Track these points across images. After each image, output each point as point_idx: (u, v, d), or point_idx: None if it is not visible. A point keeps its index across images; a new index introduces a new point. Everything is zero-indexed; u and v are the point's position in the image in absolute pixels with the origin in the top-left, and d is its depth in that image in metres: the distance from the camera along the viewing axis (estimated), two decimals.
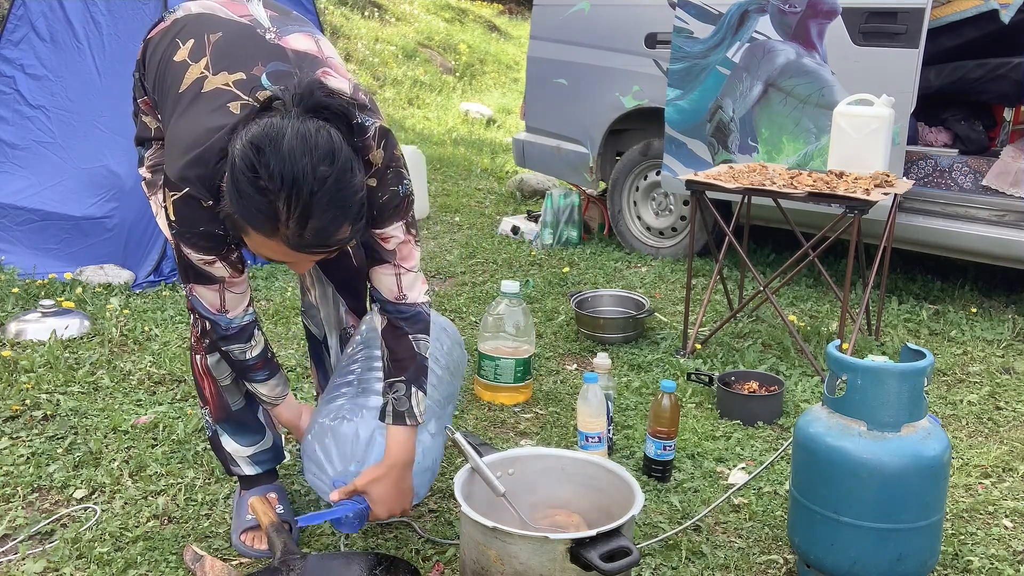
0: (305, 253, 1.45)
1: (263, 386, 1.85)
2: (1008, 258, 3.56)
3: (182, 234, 1.58)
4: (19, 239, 3.88)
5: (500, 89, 11.57)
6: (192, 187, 1.52)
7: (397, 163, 1.66)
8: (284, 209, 1.37)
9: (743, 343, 3.27)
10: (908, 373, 1.70)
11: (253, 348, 1.78)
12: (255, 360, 1.79)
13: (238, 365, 1.80)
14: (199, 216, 1.55)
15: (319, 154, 1.38)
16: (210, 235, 1.57)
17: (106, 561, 1.85)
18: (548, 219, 4.73)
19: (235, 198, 1.40)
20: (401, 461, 1.77)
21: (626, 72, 4.45)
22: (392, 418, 1.77)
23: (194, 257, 1.61)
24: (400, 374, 1.77)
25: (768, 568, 1.91)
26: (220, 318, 1.72)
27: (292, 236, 1.40)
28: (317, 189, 1.37)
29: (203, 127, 1.53)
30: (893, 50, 3.44)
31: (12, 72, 4.06)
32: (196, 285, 1.68)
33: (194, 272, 1.65)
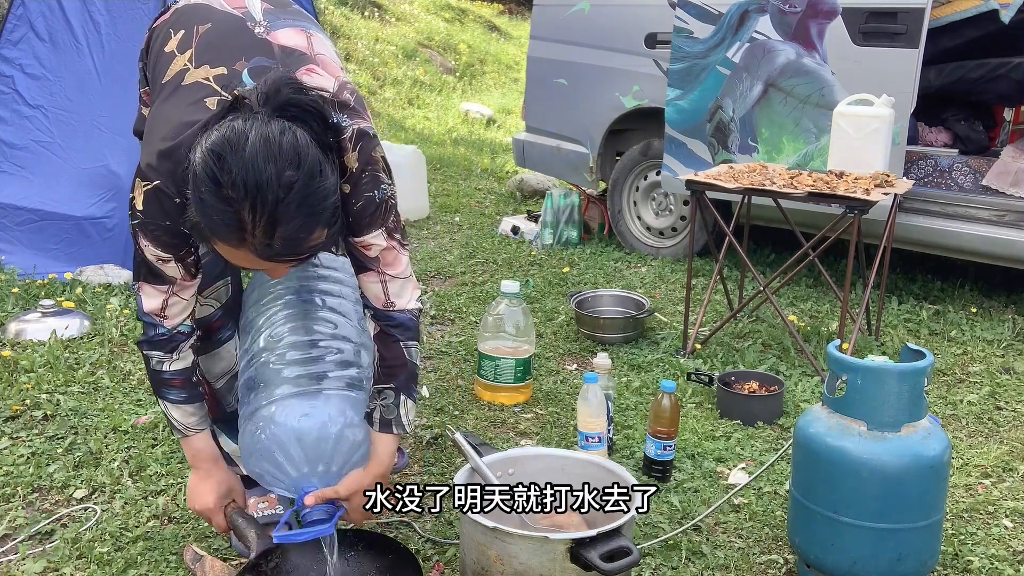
0: (276, 262, 1.40)
1: (175, 408, 1.70)
2: (1008, 258, 3.56)
3: (145, 225, 1.52)
4: (19, 239, 3.88)
5: (500, 89, 11.57)
6: (161, 180, 1.48)
7: (374, 167, 1.58)
8: (249, 219, 1.31)
9: (743, 343, 3.27)
10: (908, 373, 1.70)
11: (175, 362, 1.68)
12: (173, 375, 1.68)
13: (154, 376, 1.69)
14: (168, 211, 1.49)
15: (284, 158, 1.31)
16: (174, 231, 1.52)
17: (106, 561, 1.85)
18: (548, 219, 4.73)
19: (198, 208, 1.34)
20: (384, 470, 1.73)
21: (626, 72, 4.45)
22: (379, 426, 1.72)
23: (150, 252, 1.55)
24: (389, 381, 1.72)
25: (768, 568, 1.91)
26: (154, 321, 1.64)
27: (260, 246, 1.34)
28: (283, 196, 1.31)
29: (178, 119, 1.49)
30: (893, 50, 3.44)
31: (11, 72, 4.06)
32: (144, 284, 1.61)
33: (146, 270, 1.59)
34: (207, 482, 1.74)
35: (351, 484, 1.68)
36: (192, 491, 1.75)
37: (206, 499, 1.73)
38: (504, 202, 5.97)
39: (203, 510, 1.74)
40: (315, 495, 1.66)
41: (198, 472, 1.75)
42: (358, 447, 1.71)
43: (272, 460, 1.68)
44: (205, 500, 1.73)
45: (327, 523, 1.66)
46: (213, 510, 1.74)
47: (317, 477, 1.68)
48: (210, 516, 1.75)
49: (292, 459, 1.67)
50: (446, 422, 2.56)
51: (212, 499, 1.73)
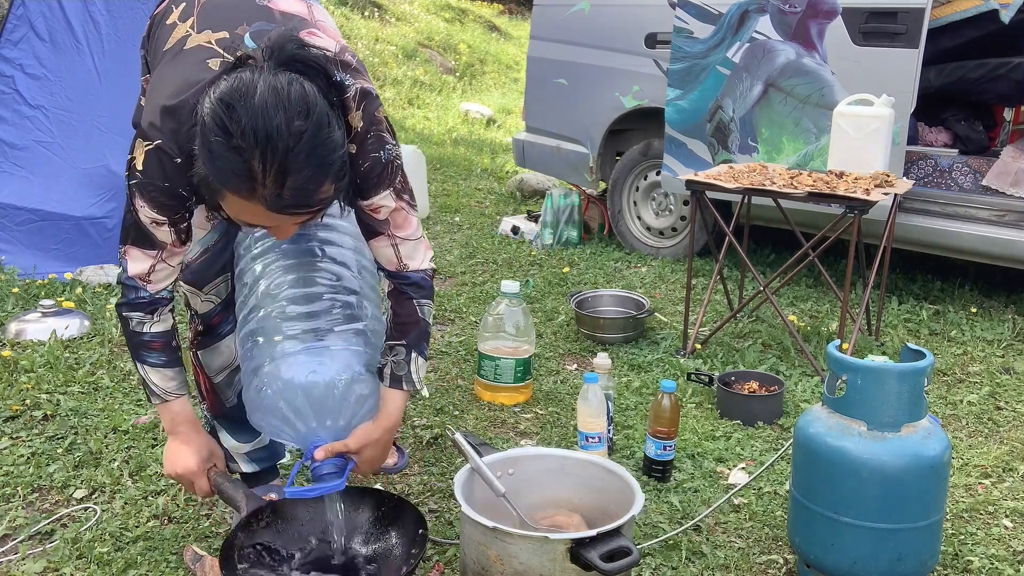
0: (286, 214, 1.39)
1: (155, 372, 1.66)
2: (1008, 258, 3.56)
3: (143, 186, 1.50)
4: (19, 239, 3.88)
5: (500, 89, 11.57)
6: (163, 140, 1.46)
7: (378, 127, 1.57)
8: (260, 168, 1.30)
9: (743, 343, 3.27)
10: (908, 373, 1.70)
11: (155, 324, 1.65)
12: (153, 338, 1.65)
13: (133, 338, 1.65)
14: (167, 171, 1.47)
15: (293, 108, 1.31)
16: (172, 193, 1.50)
17: (106, 561, 1.85)
18: (548, 219, 4.73)
19: (207, 160, 1.33)
20: (393, 423, 1.73)
21: (626, 72, 4.45)
22: (390, 381, 1.72)
23: (145, 214, 1.53)
24: (401, 338, 1.72)
25: (768, 568, 1.91)
26: (137, 285, 1.62)
27: (270, 196, 1.33)
28: (293, 145, 1.30)
29: (182, 79, 1.48)
30: (893, 50, 3.44)
31: (11, 72, 4.06)
32: (132, 247, 1.59)
33: (136, 233, 1.57)
34: (188, 446, 1.70)
35: (360, 437, 1.68)
36: (172, 456, 1.70)
37: (188, 462, 1.69)
38: (504, 202, 5.97)
39: (185, 473, 1.69)
40: (324, 449, 1.65)
41: (177, 437, 1.70)
42: (365, 400, 1.70)
43: (279, 415, 1.67)
44: (187, 463, 1.69)
45: (338, 477, 1.66)
46: (196, 472, 1.70)
47: (325, 431, 1.68)
48: (193, 479, 1.70)
49: (300, 414, 1.66)
50: (446, 422, 2.56)
51: (195, 462, 1.69)
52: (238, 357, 1.79)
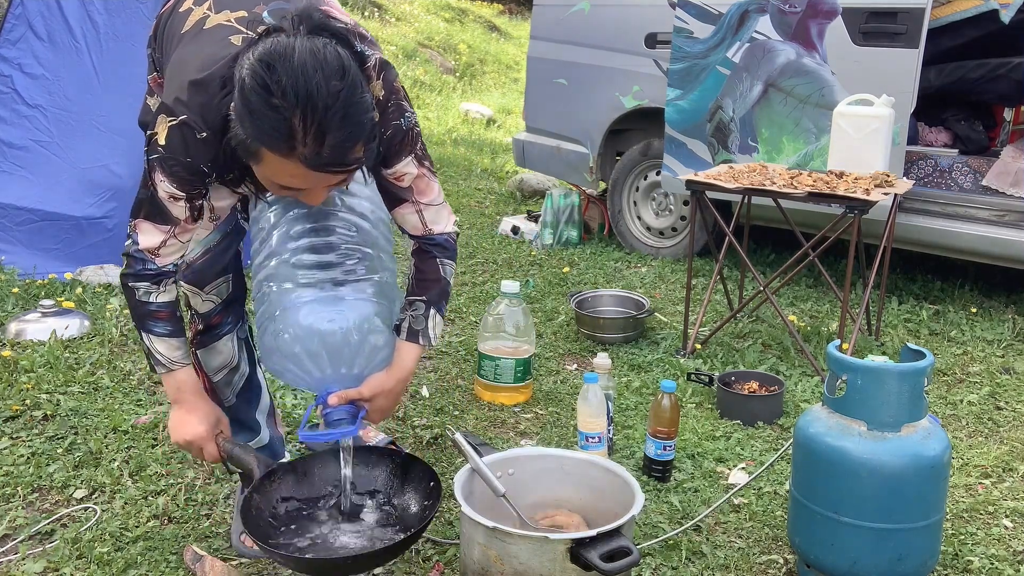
0: (323, 172, 1.41)
1: (161, 342, 1.67)
2: (1008, 258, 3.56)
3: (165, 160, 1.52)
4: (19, 239, 3.88)
5: (500, 89, 11.57)
6: (190, 114, 1.48)
7: (398, 96, 1.63)
8: (300, 126, 1.34)
9: (743, 343, 3.27)
10: (908, 373, 1.70)
11: (161, 294, 1.67)
12: (159, 307, 1.66)
13: (139, 308, 1.67)
14: (190, 147, 1.50)
15: (330, 69, 1.35)
16: (194, 168, 1.52)
17: (106, 561, 1.85)
18: (548, 219, 4.73)
19: (247, 120, 1.36)
20: (406, 375, 1.77)
21: (626, 72, 4.45)
22: (407, 335, 1.76)
23: (164, 188, 1.54)
24: (422, 293, 1.77)
25: (768, 568, 1.91)
26: (145, 258, 1.64)
27: (310, 154, 1.36)
28: (331, 103, 1.34)
29: (208, 54, 1.51)
30: (893, 50, 3.44)
31: (10, 71, 4.06)
32: (144, 221, 1.61)
33: (151, 207, 1.59)
34: (195, 413, 1.71)
35: (374, 385, 1.71)
36: (179, 424, 1.71)
37: (197, 428, 1.70)
38: (504, 202, 5.97)
39: (195, 439, 1.71)
40: (338, 395, 1.68)
41: (183, 405, 1.71)
42: (379, 351, 1.73)
43: (295, 360, 1.69)
44: (196, 429, 1.70)
45: (350, 424, 1.69)
46: (205, 438, 1.71)
47: (339, 379, 1.71)
48: (202, 444, 1.72)
49: (315, 360, 1.69)
50: (446, 422, 2.56)
51: (204, 428, 1.71)
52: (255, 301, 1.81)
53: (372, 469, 1.82)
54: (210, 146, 1.50)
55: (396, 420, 2.59)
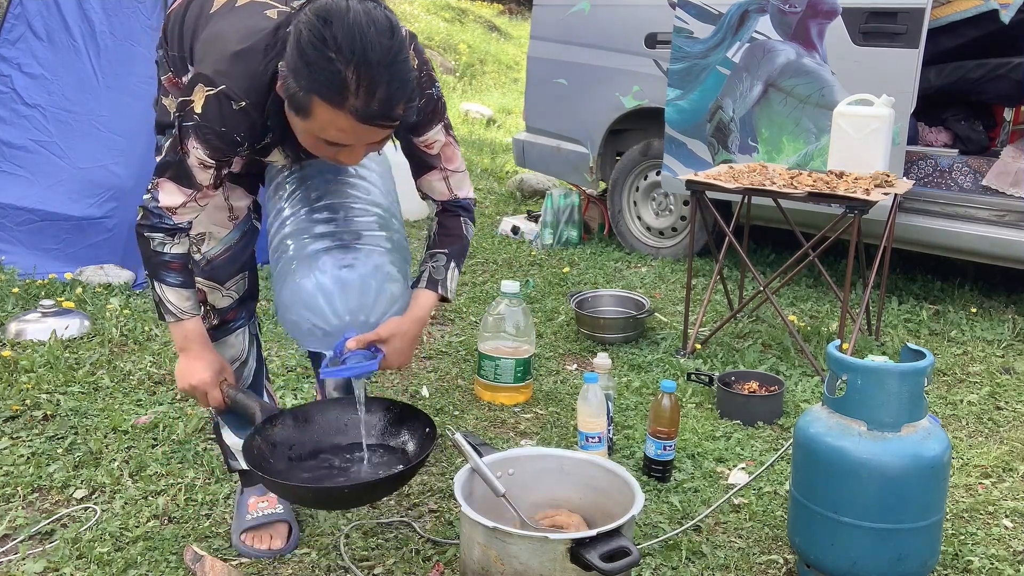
0: (370, 126, 1.47)
1: (172, 291, 1.71)
2: (1008, 258, 3.56)
3: (200, 127, 1.58)
4: (19, 239, 3.88)
5: (500, 89, 11.57)
6: (230, 84, 1.54)
7: (428, 67, 1.72)
8: (353, 78, 1.40)
9: (743, 343, 3.27)
10: (908, 373, 1.70)
11: (175, 246, 1.70)
12: (173, 258, 1.70)
13: (154, 257, 1.70)
14: (226, 116, 1.56)
15: (380, 27, 1.42)
16: (227, 138, 1.59)
17: (106, 561, 1.85)
18: (548, 219, 4.73)
19: (303, 71, 1.42)
20: (422, 320, 1.81)
21: (626, 72, 4.45)
22: (426, 283, 1.83)
23: (196, 154, 1.61)
24: (444, 247, 1.85)
25: (768, 568, 1.91)
26: (163, 214, 1.67)
27: (360, 106, 1.43)
28: (382, 59, 1.41)
29: (247, 27, 1.58)
30: (893, 50, 3.44)
31: (9, 71, 4.06)
32: (169, 182, 1.66)
33: (178, 170, 1.64)
34: (201, 360, 1.76)
35: (391, 327, 1.75)
36: (185, 370, 1.76)
37: (203, 374, 1.76)
38: (504, 202, 5.97)
39: (200, 384, 1.76)
40: (357, 339, 1.72)
41: (190, 352, 1.76)
42: (396, 301, 1.78)
43: (314, 307, 1.73)
44: (202, 375, 1.75)
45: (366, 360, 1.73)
46: (210, 384, 1.76)
47: (357, 327, 1.74)
48: (207, 390, 1.77)
49: (334, 307, 1.73)
50: (446, 422, 2.56)
51: (208, 374, 1.76)
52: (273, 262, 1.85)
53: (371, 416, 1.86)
54: (247, 115, 1.57)
55: None
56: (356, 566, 1.86)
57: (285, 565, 1.87)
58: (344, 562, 1.87)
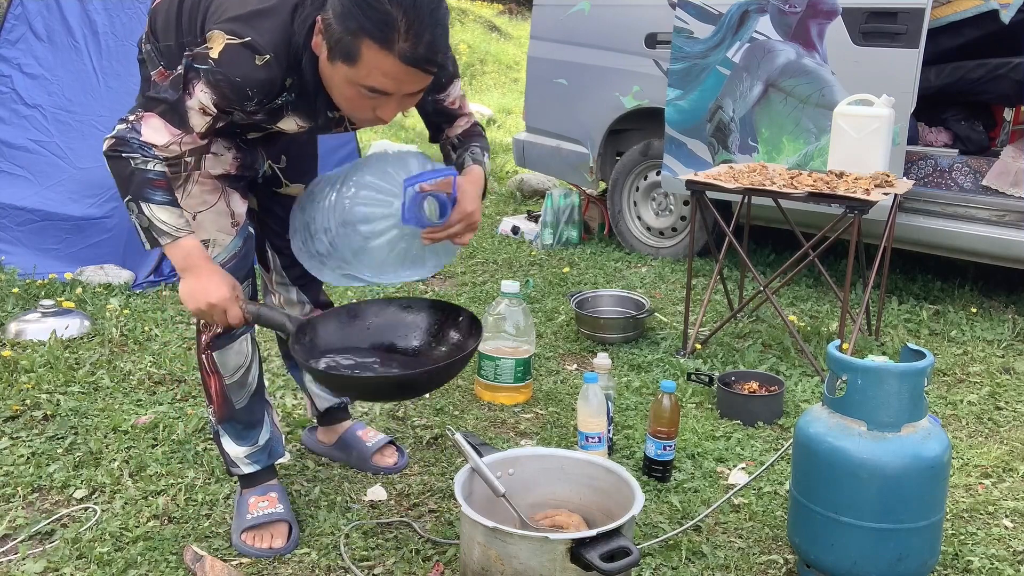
0: (415, 69, 1.53)
1: (163, 210, 1.64)
2: (1008, 258, 3.56)
3: (213, 73, 1.58)
4: (19, 239, 3.88)
5: (500, 89, 11.57)
6: (256, 36, 1.57)
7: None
8: (403, 21, 1.48)
9: (743, 343, 3.27)
10: (908, 373, 1.70)
11: (157, 164, 1.65)
12: (157, 176, 1.64)
13: (136, 176, 1.63)
14: (245, 67, 1.58)
15: None
16: (240, 89, 1.59)
17: (106, 561, 1.85)
18: (548, 219, 4.73)
19: (353, 12, 1.48)
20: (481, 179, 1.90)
21: (626, 72, 4.45)
22: (470, 160, 1.92)
23: (200, 98, 1.61)
24: (474, 140, 1.96)
25: (768, 568, 1.91)
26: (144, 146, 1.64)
27: (408, 49, 1.50)
28: (429, 5, 1.51)
29: None
30: (893, 50, 3.44)
31: (9, 71, 4.06)
32: (156, 117, 1.64)
33: (170, 108, 1.63)
34: (213, 276, 1.68)
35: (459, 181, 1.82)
36: (198, 290, 1.67)
37: (220, 290, 1.67)
38: (504, 202, 5.97)
39: (219, 301, 1.67)
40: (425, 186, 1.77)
41: (197, 271, 1.67)
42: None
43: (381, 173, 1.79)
44: (219, 291, 1.67)
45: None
46: (229, 299, 1.68)
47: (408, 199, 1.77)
48: (226, 306, 1.68)
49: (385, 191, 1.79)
50: (446, 422, 2.56)
51: (226, 289, 1.68)
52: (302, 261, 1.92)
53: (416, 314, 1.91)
54: (268, 70, 1.58)
55: (396, 420, 2.59)
56: (356, 566, 1.86)
57: (285, 565, 1.87)
58: (344, 562, 1.87)
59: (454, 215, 1.79)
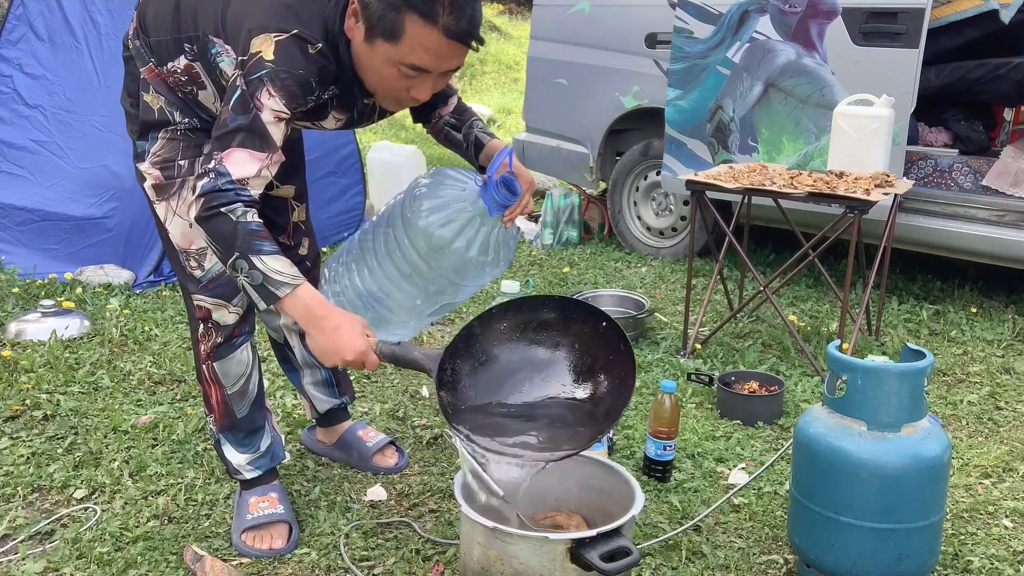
0: (457, 43, 1.55)
1: (275, 260, 1.53)
2: (1008, 258, 3.56)
3: (275, 75, 1.54)
4: (19, 239, 3.88)
5: (500, 89, 11.56)
6: (302, 27, 1.56)
7: None
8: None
9: (743, 343, 3.27)
10: (908, 373, 1.70)
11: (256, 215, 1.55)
12: (260, 227, 1.54)
13: (242, 229, 1.52)
14: (302, 60, 1.57)
15: None
16: (304, 82, 1.58)
17: (106, 561, 1.85)
18: (548, 219, 4.73)
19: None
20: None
21: (626, 72, 4.45)
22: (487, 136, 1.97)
23: (271, 106, 1.55)
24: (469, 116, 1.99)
25: (768, 568, 1.91)
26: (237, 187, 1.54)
27: (452, 23, 1.52)
28: None
29: None
30: (893, 50, 3.44)
31: (10, 71, 4.06)
32: (239, 150, 1.54)
33: (249, 134, 1.54)
34: (341, 329, 1.56)
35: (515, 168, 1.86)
36: (331, 348, 1.56)
37: (356, 341, 1.57)
38: None
39: (356, 357, 1.57)
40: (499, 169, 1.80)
41: (324, 322, 1.56)
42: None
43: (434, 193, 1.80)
44: (355, 345, 1.56)
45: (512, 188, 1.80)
46: (366, 352, 1.58)
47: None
48: (363, 360, 1.58)
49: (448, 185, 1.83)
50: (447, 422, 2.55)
51: (361, 339, 1.58)
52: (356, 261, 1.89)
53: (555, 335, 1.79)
54: (322, 58, 1.59)
55: (396, 420, 2.59)
56: (356, 566, 1.86)
57: (285, 565, 1.87)
58: (344, 562, 1.87)
59: (523, 186, 1.83)
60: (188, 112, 1.80)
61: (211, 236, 1.54)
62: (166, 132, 1.82)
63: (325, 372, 2.25)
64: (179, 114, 1.80)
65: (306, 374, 2.25)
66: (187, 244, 1.83)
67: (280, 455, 2.07)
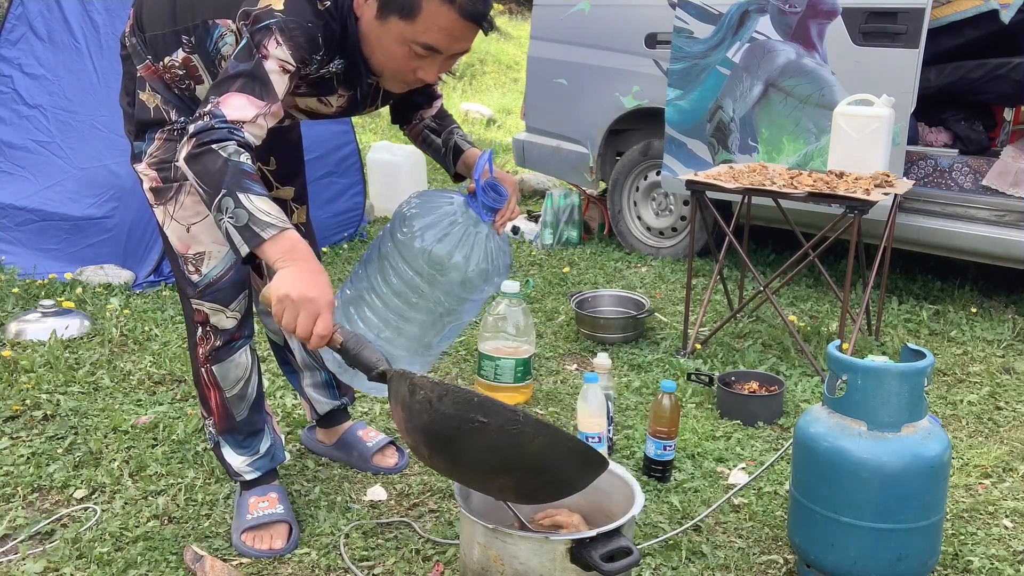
0: (471, 23, 1.56)
1: (263, 200, 1.46)
2: (1008, 258, 3.56)
3: (283, 25, 1.54)
4: (19, 239, 3.89)
5: (500, 89, 11.57)
6: None
7: None
8: None
9: (743, 343, 3.27)
10: (908, 373, 1.70)
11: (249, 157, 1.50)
12: (251, 168, 1.49)
13: (233, 169, 1.45)
14: (310, 13, 1.57)
15: None
16: (312, 36, 1.58)
17: (106, 561, 1.85)
18: (548, 219, 4.73)
19: None
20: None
21: (626, 72, 4.45)
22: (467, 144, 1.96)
23: (277, 55, 1.53)
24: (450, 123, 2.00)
25: (768, 568, 1.91)
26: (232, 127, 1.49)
27: (468, 2, 1.53)
28: None
29: None
30: (893, 50, 3.44)
31: (10, 71, 4.06)
32: (237, 95, 1.50)
33: (249, 80, 1.51)
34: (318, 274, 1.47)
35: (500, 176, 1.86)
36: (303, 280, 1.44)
37: (324, 288, 1.46)
38: None
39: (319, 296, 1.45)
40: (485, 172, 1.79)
41: (304, 263, 1.46)
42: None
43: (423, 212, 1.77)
44: (323, 288, 1.46)
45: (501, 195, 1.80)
46: (329, 304, 1.47)
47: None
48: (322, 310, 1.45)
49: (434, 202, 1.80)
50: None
51: (330, 292, 1.48)
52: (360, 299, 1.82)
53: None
54: (330, 17, 1.59)
55: None
56: (356, 566, 1.86)
57: (285, 565, 1.87)
58: (344, 562, 1.87)
59: (507, 188, 1.81)
60: (185, 111, 1.80)
61: (199, 176, 1.47)
62: (163, 132, 1.81)
63: (325, 374, 2.25)
64: (175, 113, 1.80)
65: (306, 376, 2.25)
66: (185, 249, 1.83)
67: (280, 456, 2.07)
